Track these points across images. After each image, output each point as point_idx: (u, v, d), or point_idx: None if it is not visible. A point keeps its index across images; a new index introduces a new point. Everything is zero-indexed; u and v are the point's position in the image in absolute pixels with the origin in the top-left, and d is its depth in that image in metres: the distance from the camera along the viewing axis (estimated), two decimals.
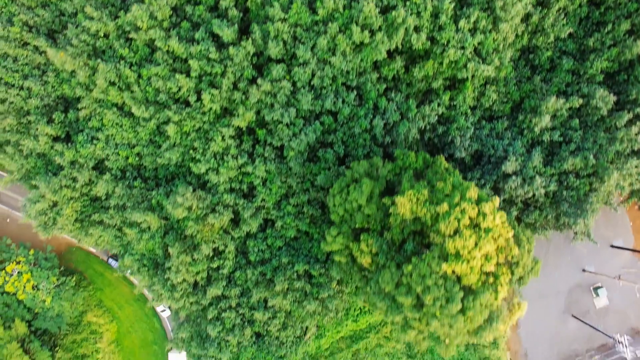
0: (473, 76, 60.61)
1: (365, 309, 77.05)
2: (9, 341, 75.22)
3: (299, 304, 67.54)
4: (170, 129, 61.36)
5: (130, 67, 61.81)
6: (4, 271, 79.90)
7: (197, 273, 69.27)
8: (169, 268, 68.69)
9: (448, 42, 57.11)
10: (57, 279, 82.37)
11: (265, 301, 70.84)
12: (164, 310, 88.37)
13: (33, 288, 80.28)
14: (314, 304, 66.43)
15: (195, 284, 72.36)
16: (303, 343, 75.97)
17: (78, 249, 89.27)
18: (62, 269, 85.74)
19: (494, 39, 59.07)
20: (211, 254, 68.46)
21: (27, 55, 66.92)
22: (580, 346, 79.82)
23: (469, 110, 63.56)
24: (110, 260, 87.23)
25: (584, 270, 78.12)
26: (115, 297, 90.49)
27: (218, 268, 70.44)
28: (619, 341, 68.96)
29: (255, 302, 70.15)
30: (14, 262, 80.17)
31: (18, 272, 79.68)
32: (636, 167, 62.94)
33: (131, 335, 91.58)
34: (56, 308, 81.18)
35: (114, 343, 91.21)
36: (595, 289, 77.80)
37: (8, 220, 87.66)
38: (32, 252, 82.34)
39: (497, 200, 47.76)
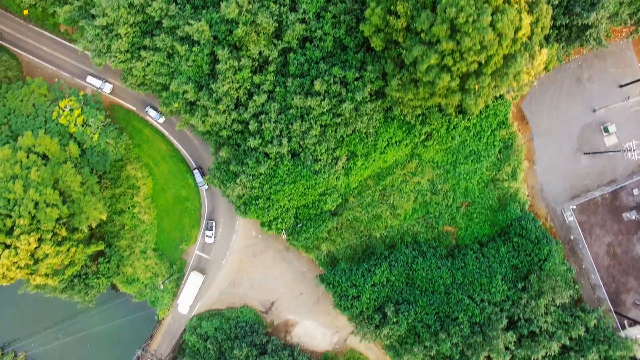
0: None
1: (393, 140, 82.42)
2: (64, 161, 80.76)
3: (335, 107, 73.51)
4: None
5: None
6: (58, 106, 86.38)
7: (240, 86, 75.51)
8: (216, 79, 75.02)
9: None
10: (105, 118, 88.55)
11: (302, 116, 76.77)
12: (195, 169, 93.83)
13: (83, 125, 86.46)
14: (349, 105, 72.36)
15: (237, 102, 78.46)
16: (335, 170, 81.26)
17: (119, 107, 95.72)
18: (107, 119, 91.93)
19: None
20: (254, 66, 75.00)
21: None
22: (592, 182, 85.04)
23: None
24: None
25: (594, 111, 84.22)
26: (152, 154, 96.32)
27: (259, 85, 76.76)
28: (627, 149, 74.42)
29: (293, 114, 76.04)
30: (67, 100, 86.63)
31: (70, 108, 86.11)
32: None
33: (165, 192, 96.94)
34: (102, 145, 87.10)
35: (150, 199, 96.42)
36: (605, 127, 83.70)
37: (56, 80, 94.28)
38: (82, 93, 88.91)
39: None
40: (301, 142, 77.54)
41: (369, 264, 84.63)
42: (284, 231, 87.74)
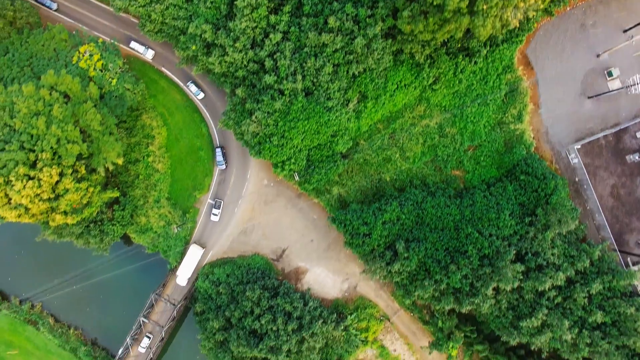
0: None
1: (402, 83, 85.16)
2: (84, 100, 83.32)
3: (348, 44, 76.34)
4: None
5: None
6: (77, 51, 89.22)
7: (257, 25, 78.38)
8: (233, 19, 77.91)
9: None
10: (123, 64, 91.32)
11: (316, 54, 79.50)
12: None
13: (102, 70, 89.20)
14: (361, 41, 75.13)
15: (254, 42, 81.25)
16: (346, 111, 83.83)
17: (135, 59, 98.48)
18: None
19: None
20: (271, 7, 77.98)
21: None
22: (596, 125, 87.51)
23: None
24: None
25: (598, 56, 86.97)
26: (167, 104, 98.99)
27: (275, 25, 79.64)
28: (631, 83, 76.96)
29: (307, 52, 78.78)
30: (87, 45, 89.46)
31: (90, 54, 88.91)
32: None
33: (179, 142, 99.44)
34: (120, 90, 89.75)
35: (164, 148, 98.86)
36: (609, 71, 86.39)
37: (74, 32, 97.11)
38: (100, 40, 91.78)
39: None
40: (315, 80, 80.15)
41: (379, 203, 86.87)
42: (296, 173, 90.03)
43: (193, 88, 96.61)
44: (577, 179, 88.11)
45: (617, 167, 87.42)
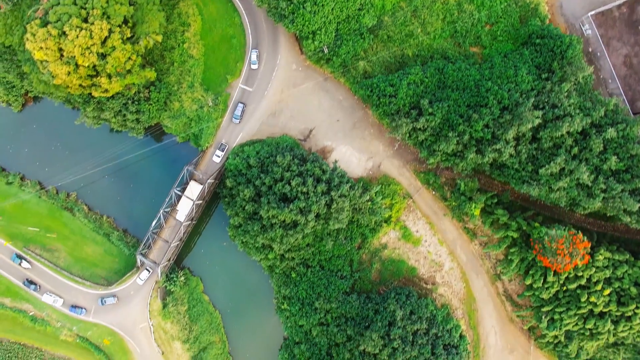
0: None
1: None
2: None
3: None
4: None
5: None
6: None
7: None
8: None
9: None
10: None
11: None
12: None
13: None
14: None
15: None
16: None
17: None
18: None
19: None
20: None
21: None
22: None
23: None
24: None
25: None
26: None
27: None
28: None
29: None
30: None
31: None
32: None
33: (212, 31, 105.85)
34: None
35: (198, 36, 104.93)
36: None
37: None
38: None
39: None
40: None
41: (403, 70, 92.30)
42: (325, 47, 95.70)
43: None
44: (590, 50, 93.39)
45: (631, 38, 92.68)
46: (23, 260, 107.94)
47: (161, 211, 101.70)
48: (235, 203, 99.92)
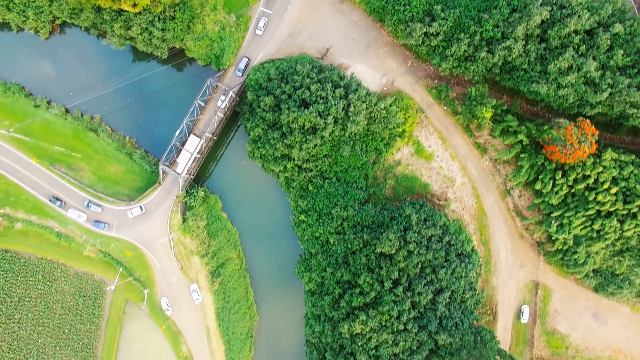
0: None
1: None
2: None
3: None
4: None
5: None
6: None
7: None
8: None
9: None
10: None
11: None
12: None
13: None
14: None
15: None
16: None
17: None
18: None
19: None
20: None
21: None
22: None
23: None
24: None
25: None
26: None
27: None
28: None
29: None
30: None
31: None
32: None
33: None
34: None
35: None
36: None
37: None
38: None
39: None
40: None
41: None
42: None
43: None
44: None
45: None
46: (93, 205, 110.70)
47: (184, 121, 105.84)
48: (255, 115, 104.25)
